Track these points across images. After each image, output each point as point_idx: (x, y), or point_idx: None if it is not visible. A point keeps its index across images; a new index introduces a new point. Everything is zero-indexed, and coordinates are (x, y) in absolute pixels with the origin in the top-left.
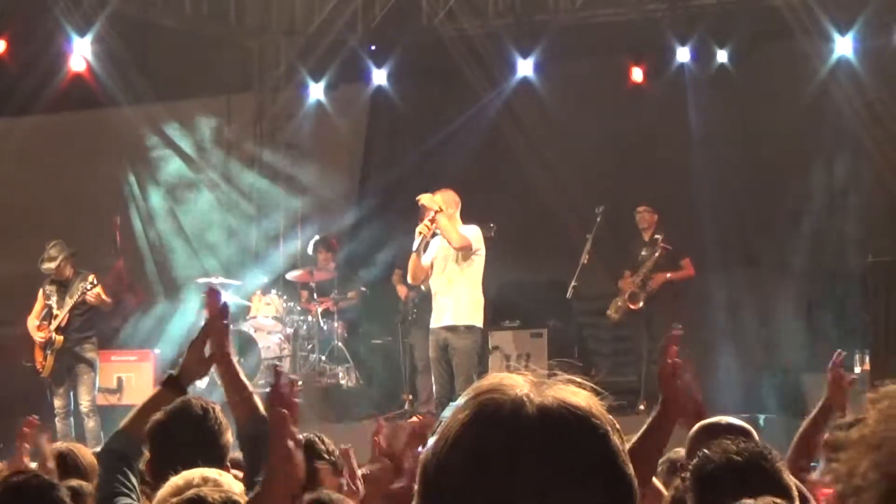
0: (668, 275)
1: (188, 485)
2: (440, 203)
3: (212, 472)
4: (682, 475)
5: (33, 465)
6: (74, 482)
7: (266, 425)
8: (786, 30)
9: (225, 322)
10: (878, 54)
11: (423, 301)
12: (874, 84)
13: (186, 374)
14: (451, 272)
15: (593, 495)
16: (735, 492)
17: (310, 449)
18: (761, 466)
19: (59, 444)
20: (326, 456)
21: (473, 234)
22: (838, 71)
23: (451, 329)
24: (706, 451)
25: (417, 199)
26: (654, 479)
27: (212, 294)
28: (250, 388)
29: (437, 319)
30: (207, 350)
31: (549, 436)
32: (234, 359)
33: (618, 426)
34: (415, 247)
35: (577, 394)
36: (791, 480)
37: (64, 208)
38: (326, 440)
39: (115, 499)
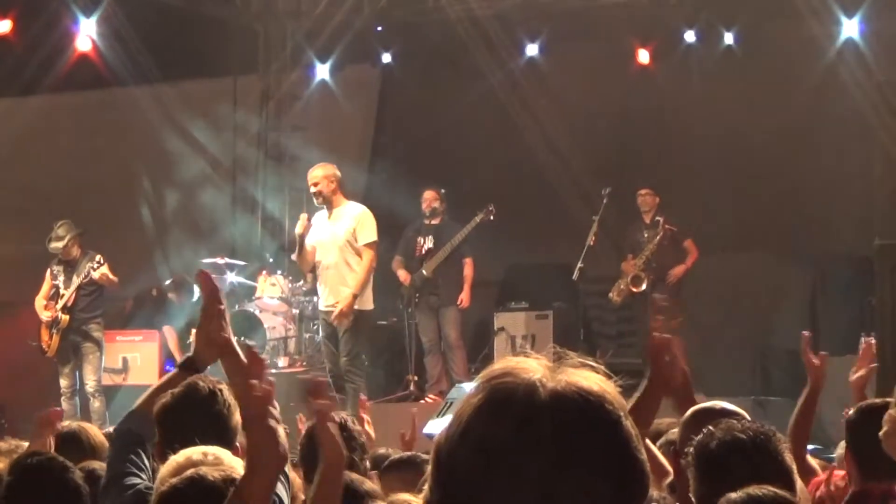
0: (683, 267)
1: (189, 462)
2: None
3: (213, 450)
4: (686, 450)
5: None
6: (95, 463)
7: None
8: (793, 11)
9: (220, 306)
10: (885, 36)
11: (426, 283)
12: (882, 66)
13: (199, 358)
14: (343, 254)
15: (606, 480)
16: (738, 471)
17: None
18: (765, 447)
19: (69, 423)
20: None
21: (368, 235)
22: (846, 52)
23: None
24: (711, 428)
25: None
26: (658, 455)
27: (203, 277)
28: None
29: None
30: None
31: (561, 421)
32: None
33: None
34: (296, 250)
35: (589, 378)
36: (792, 463)
37: (70, 188)
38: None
39: (125, 478)
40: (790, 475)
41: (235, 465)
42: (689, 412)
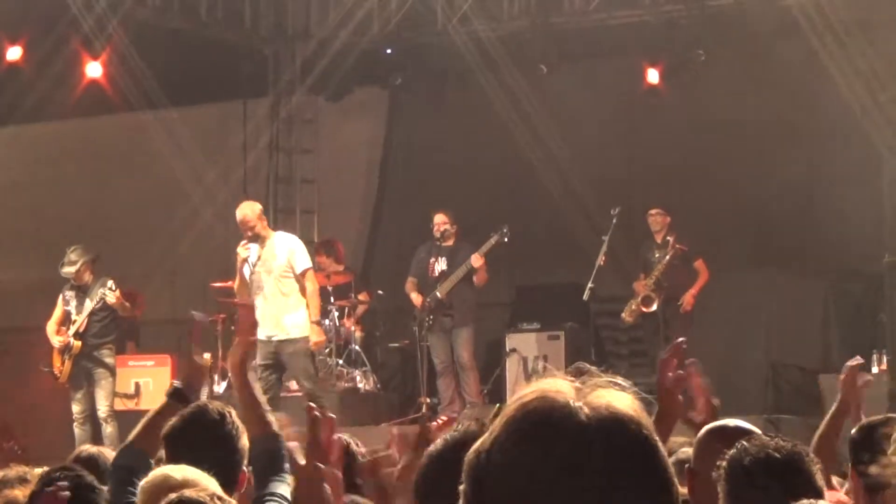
0: (694, 291)
1: (165, 481)
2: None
3: (188, 471)
4: (718, 463)
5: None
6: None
7: (277, 443)
8: (800, 31)
9: (253, 339)
10: (891, 54)
11: (440, 305)
12: (886, 85)
13: (187, 385)
14: (278, 285)
15: (648, 502)
16: (769, 488)
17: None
18: (798, 467)
19: (87, 447)
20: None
21: (303, 262)
22: (852, 71)
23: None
24: (745, 443)
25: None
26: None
27: (247, 311)
28: (265, 405)
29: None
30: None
31: (606, 444)
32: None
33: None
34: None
35: (622, 399)
36: (823, 483)
37: (80, 214)
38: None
39: None
40: (821, 495)
41: (210, 485)
42: (703, 430)
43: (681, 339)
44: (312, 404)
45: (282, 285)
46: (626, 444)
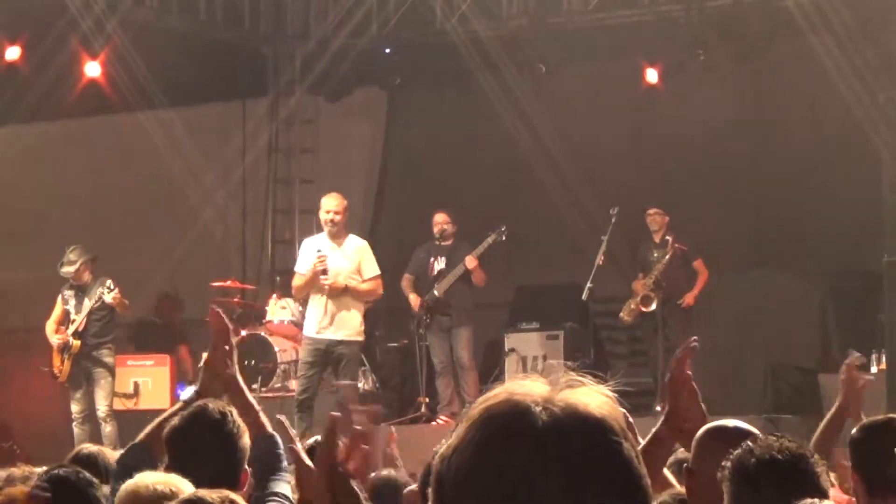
0: (695, 292)
1: (137, 490)
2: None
3: (165, 478)
4: (723, 464)
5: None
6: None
7: (274, 443)
8: (797, 31)
9: (227, 346)
10: (886, 54)
11: (438, 304)
12: (884, 84)
13: (205, 392)
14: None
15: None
16: (773, 489)
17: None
18: (803, 468)
19: (88, 446)
20: None
21: (372, 268)
22: (851, 71)
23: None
24: (750, 444)
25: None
26: (668, 475)
27: (215, 316)
28: (257, 407)
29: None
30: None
31: (560, 446)
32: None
33: (629, 431)
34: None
35: (591, 399)
36: (828, 484)
37: (79, 213)
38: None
39: None
40: (826, 495)
41: (183, 487)
42: (702, 430)
43: (694, 339)
44: (337, 413)
45: (347, 289)
46: (586, 447)
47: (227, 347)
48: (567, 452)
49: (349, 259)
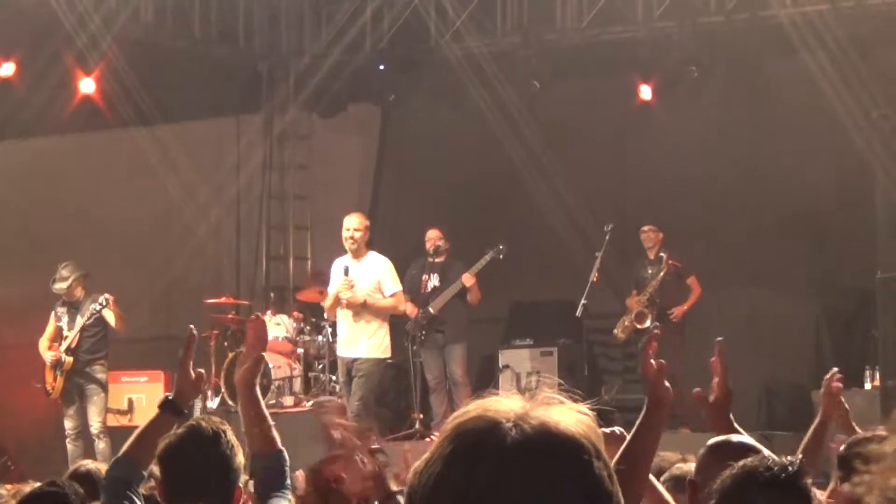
0: (685, 307)
1: None
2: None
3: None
4: (712, 483)
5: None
6: None
7: (281, 459)
8: (790, 47)
9: (262, 354)
10: (884, 71)
11: (433, 321)
12: (878, 100)
13: (180, 397)
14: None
15: None
16: None
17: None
18: (793, 484)
19: (86, 463)
20: None
21: (393, 285)
22: (844, 87)
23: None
24: (744, 461)
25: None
26: (662, 491)
27: (258, 323)
28: (270, 421)
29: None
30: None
31: (526, 463)
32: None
33: (603, 451)
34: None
35: (564, 417)
36: (819, 501)
37: (72, 230)
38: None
39: None
40: None
41: None
42: (707, 444)
43: (656, 324)
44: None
45: (366, 305)
46: (554, 465)
47: (261, 355)
48: (533, 469)
49: (369, 276)
